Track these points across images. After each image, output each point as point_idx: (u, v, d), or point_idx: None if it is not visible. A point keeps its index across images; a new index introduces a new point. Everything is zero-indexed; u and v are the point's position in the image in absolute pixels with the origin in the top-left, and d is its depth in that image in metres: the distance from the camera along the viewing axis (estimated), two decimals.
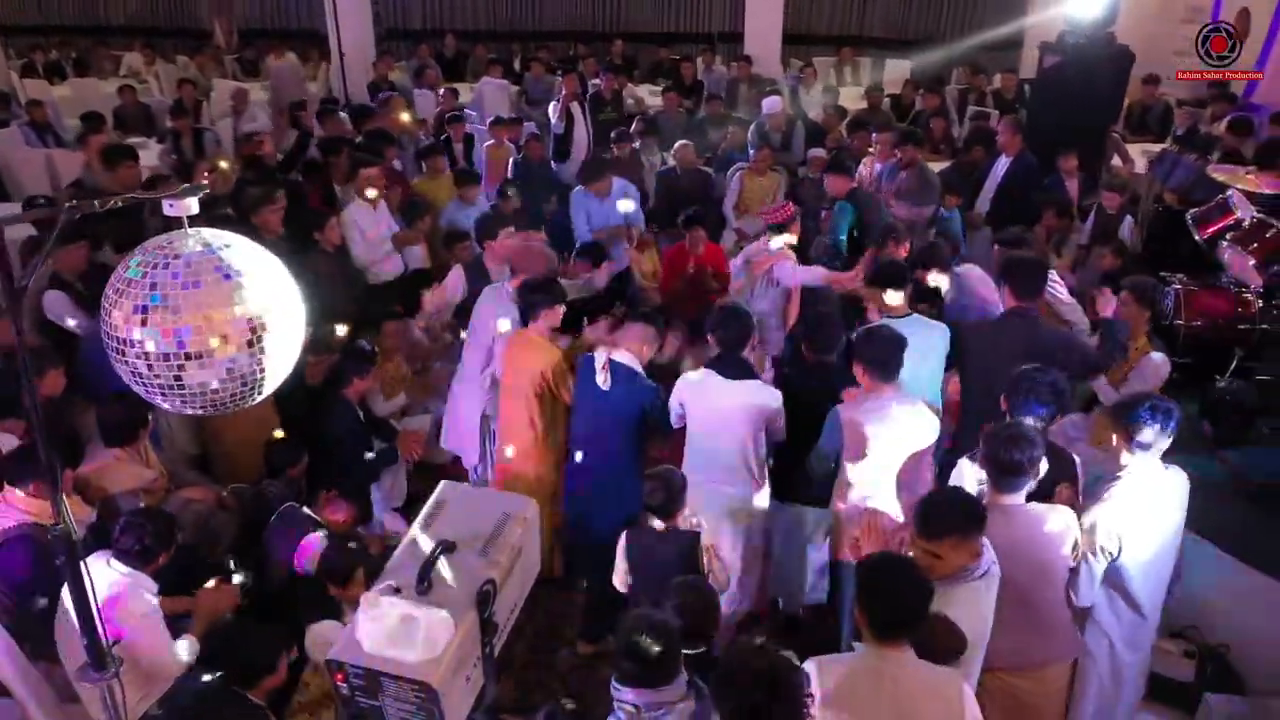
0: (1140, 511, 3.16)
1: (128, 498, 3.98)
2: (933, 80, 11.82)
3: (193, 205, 2.22)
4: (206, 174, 5.47)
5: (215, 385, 2.20)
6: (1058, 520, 3.11)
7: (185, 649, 3.40)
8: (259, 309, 2.22)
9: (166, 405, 2.24)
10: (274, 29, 14.49)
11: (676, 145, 8.03)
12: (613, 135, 8.18)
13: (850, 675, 2.40)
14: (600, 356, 4.20)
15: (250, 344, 2.20)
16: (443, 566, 1.88)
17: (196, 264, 2.20)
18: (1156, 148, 9.28)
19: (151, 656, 3.26)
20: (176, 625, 3.49)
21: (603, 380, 4.15)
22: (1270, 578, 4.03)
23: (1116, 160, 8.42)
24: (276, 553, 4.08)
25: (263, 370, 2.26)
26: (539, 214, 7.96)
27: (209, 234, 2.27)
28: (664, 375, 4.50)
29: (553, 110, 9.23)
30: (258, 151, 6.33)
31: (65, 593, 3.29)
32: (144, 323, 2.14)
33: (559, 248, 7.39)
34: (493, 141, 8.68)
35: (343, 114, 8.64)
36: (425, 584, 1.84)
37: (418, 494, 5.28)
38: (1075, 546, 3.15)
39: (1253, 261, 5.03)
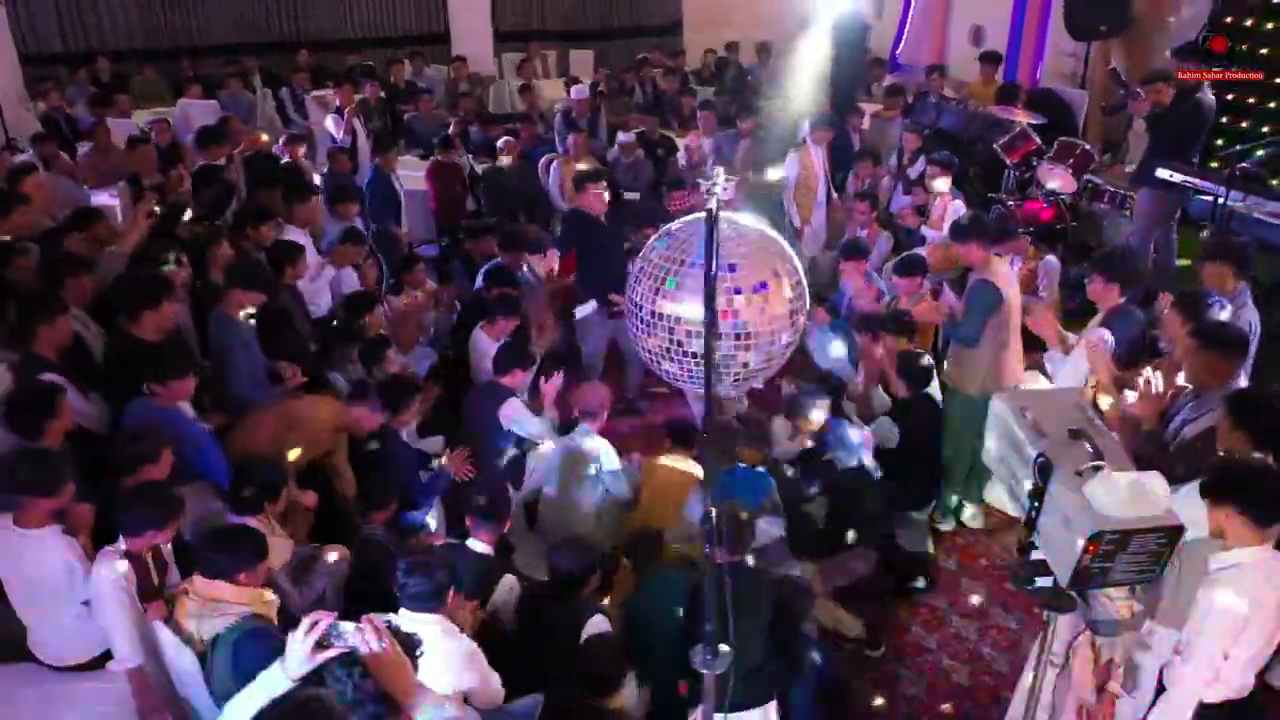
0: None
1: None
2: (628, 65, 12.68)
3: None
4: (146, 216, 4.65)
5: (756, 361, 2.34)
6: None
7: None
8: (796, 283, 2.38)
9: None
10: None
11: (501, 142, 8.10)
12: (435, 142, 8.06)
13: None
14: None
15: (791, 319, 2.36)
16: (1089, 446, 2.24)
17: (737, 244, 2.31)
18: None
19: (491, 689, 3.08)
20: None
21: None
22: None
23: None
24: None
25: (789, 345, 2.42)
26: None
27: (733, 217, 2.36)
28: None
29: (332, 123, 8.81)
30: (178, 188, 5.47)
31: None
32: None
33: (389, 254, 7.12)
34: (288, 160, 8.05)
35: None
36: (1099, 456, 2.19)
37: None
38: None
39: (1069, 174, 6.46)
